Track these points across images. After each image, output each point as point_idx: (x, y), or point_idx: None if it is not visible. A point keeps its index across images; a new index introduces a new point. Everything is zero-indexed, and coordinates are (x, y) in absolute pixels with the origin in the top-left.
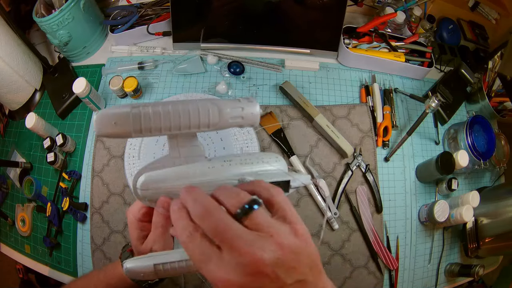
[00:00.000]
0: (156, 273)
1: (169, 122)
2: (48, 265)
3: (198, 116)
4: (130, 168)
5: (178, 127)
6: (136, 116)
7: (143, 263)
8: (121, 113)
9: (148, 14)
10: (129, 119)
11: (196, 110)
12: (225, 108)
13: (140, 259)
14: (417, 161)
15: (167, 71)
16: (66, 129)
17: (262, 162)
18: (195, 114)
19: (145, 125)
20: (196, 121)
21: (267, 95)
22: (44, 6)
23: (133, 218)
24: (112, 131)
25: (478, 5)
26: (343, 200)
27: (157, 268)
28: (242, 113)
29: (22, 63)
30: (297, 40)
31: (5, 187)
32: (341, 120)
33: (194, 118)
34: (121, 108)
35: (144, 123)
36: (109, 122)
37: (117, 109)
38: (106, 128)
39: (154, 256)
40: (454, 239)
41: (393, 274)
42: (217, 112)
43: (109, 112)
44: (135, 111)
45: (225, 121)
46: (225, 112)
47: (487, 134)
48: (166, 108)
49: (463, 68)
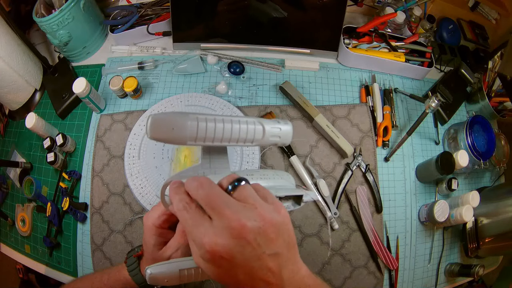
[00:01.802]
0: (181, 278)
1: (221, 135)
2: (48, 265)
3: (246, 133)
4: (130, 168)
5: (228, 139)
6: (194, 126)
7: (168, 269)
8: (180, 120)
9: (148, 14)
10: (187, 127)
11: (245, 127)
12: (267, 128)
13: (164, 265)
14: (417, 161)
15: (167, 71)
16: (66, 129)
17: (279, 178)
18: (244, 131)
19: (200, 134)
20: (244, 136)
21: (267, 95)
22: (44, 6)
23: (151, 225)
24: (167, 136)
25: (478, 5)
26: (343, 200)
27: (182, 273)
28: (280, 132)
29: (22, 63)
30: (297, 40)
31: (5, 187)
32: (341, 120)
33: (243, 134)
34: (177, 115)
35: (200, 132)
36: (167, 127)
37: (173, 115)
38: (162, 132)
39: (178, 261)
40: (454, 239)
41: (393, 274)
42: (261, 130)
43: (167, 117)
44: (193, 121)
45: (266, 139)
46: (267, 131)
47: (487, 134)
48: (221, 122)
49: (463, 68)
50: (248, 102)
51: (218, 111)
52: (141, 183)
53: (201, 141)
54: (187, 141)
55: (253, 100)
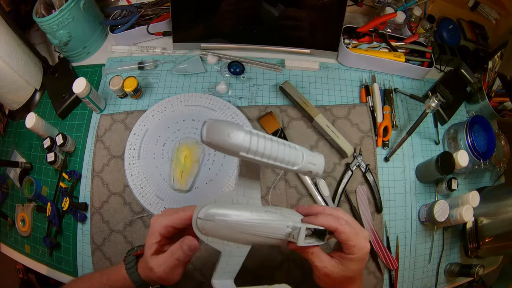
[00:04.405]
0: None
1: (270, 152)
2: (48, 265)
3: (290, 156)
4: (130, 168)
5: (275, 158)
6: (248, 136)
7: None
8: (236, 128)
9: (148, 14)
10: (242, 136)
11: (289, 151)
12: (306, 155)
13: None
14: (417, 161)
15: (167, 71)
16: (66, 129)
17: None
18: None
19: (253, 146)
20: (287, 159)
21: (267, 95)
22: (44, 6)
23: (155, 229)
24: (223, 142)
25: (478, 5)
26: (343, 200)
27: None
28: (314, 160)
29: (22, 63)
30: (297, 40)
31: (5, 187)
32: (341, 120)
33: (288, 156)
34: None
35: (252, 144)
36: (224, 133)
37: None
38: (218, 137)
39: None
40: (454, 239)
41: (393, 274)
42: (301, 156)
43: (224, 123)
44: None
45: (304, 165)
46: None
47: (487, 134)
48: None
49: (463, 68)
50: (248, 102)
51: (218, 111)
52: (141, 183)
53: (252, 154)
54: (240, 151)
55: (253, 100)
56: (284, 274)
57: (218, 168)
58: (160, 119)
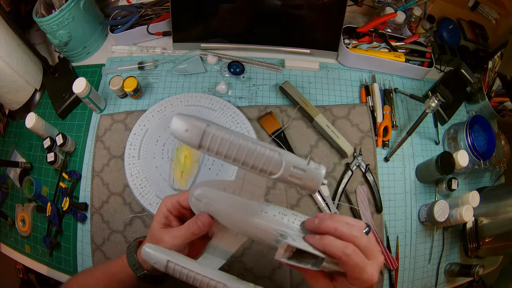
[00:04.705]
0: (166, 269)
1: (232, 154)
2: (48, 265)
3: (261, 161)
4: (130, 168)
5: (240, 162)
6: (206, 134)
7: (160, 253)
8: (195, 124)
9: (148, 14)
10: (199, 133)
11: (261, 155)
12: (288, 165)
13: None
14: (417, 161)
15: (167, 71)
16: (66, 129)
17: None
18: (259, 158)
19: (211, 145)
20: (258, 164)
21: (267, 95)
22: (44, 6)
23: (164, 206)
24: (182, 137)
25: (478, 5)
26: (343, 200)
27: (169, 265)
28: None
29: (22, 63)
30: (297, 40)
31: (5, 187)
32: (341, 120)
33: (257, 161)
34: (198, 120)
35: (211, 143)
36: (183, 127)
37: (194, 119)
38: (178, 131)
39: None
40: (454, 239)
41: (393, 274)
42: (281, 165)
43: (186, 118)
44: (208, 129)
45: (284, 177)
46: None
47: (487, 134)
48: (236, 139)
49: (463, 68)
50: (248, 102)
51: (218, 111)
52: (141, 183)
53: (212, 152)
54: (198, 147)
55: (253, 100)
56: (284, 274)
57: (218, 168)
58: (160, 119)
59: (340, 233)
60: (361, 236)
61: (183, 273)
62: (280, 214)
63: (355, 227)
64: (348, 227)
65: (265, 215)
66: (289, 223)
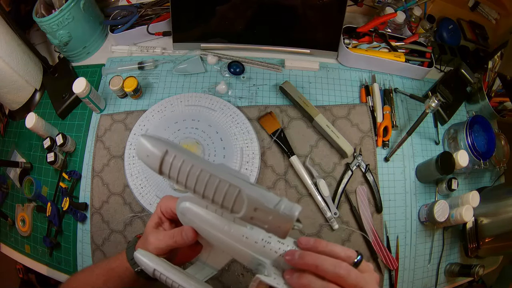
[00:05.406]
0: (154, 276)
1: (192, 185)
2: (48, 265)
3: (222, 197)
4: (130, 168)
5: (200, 194)
6: (165, 162)
7: (149, 260)
8: (152, 152)
9: (148, 14)
10: (157, 161)
11: (223, 191)
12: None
13: (149, 256)
14: (417, 161)
15: (167, 71)
16: (66, 129)
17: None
18: (220, 194)
19: (171, 173)
20: (218, 200)
21: (267, 95)
22: (44, 6)
23: (159, 207)
24: (143, 161)
25: (478, 5)
26: (343, 200)
27: (156, 273)
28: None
29: (22, 63)
30: (297, 40)
31: (5, 187)
32: (341, 120)
33: (217, 197)
34: (157, 147)
35: (170, 171)
36: (144, 152)
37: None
38: (140, 155)
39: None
40: (454, 239)
41: (393, 274)
42: (244, 205)
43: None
44: (166, 158)
45: (247, 218)
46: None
47: (487, 134)
48: (195, 170)
49: (463, 68)
50: (248, 102)
51: (218, 111)
52: (141, 183)
53: (173, 180)
54: (161, 174)
55: (253, 100)
56: None
57: None
58: (160, 119)
59: (323, 271)
60: (348, 274)
61: (168, 282)
62: (262, 241)
63: (342, 264)
64: (333, 265)
65: (245, 241)
66: (271, 252)
